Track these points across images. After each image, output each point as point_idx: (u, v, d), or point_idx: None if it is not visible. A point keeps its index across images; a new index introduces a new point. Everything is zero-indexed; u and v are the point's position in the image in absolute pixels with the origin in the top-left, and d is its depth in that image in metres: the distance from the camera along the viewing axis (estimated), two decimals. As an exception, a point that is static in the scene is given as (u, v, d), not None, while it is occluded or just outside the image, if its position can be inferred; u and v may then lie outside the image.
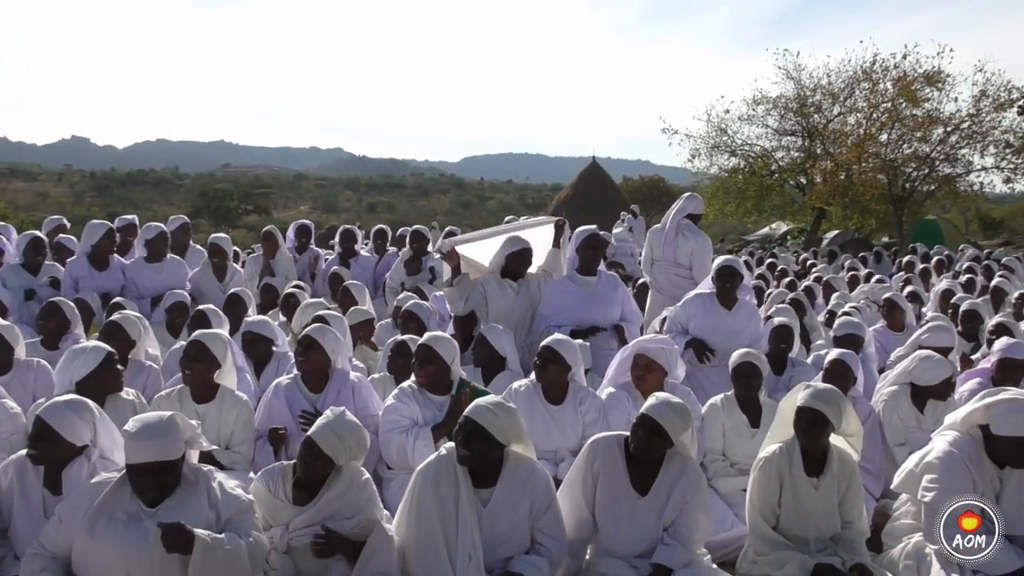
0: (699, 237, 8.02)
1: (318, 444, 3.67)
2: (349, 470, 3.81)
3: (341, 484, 3.77)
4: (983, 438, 3.95)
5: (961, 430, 4.05)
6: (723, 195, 28.85)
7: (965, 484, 3.87)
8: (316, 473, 3.73)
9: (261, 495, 3.77)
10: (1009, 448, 3.83)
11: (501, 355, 5.73)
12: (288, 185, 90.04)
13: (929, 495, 3.94)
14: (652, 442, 3.84)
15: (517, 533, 3.76)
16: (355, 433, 3.77)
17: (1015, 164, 24.23)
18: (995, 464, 3.92)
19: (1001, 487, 3.91)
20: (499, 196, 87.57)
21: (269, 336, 5.94)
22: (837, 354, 5.49)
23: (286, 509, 3.74)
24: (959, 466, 3.90)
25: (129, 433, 3.32)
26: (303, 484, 3.76)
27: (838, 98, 27.30)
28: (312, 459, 3.69)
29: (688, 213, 8.10)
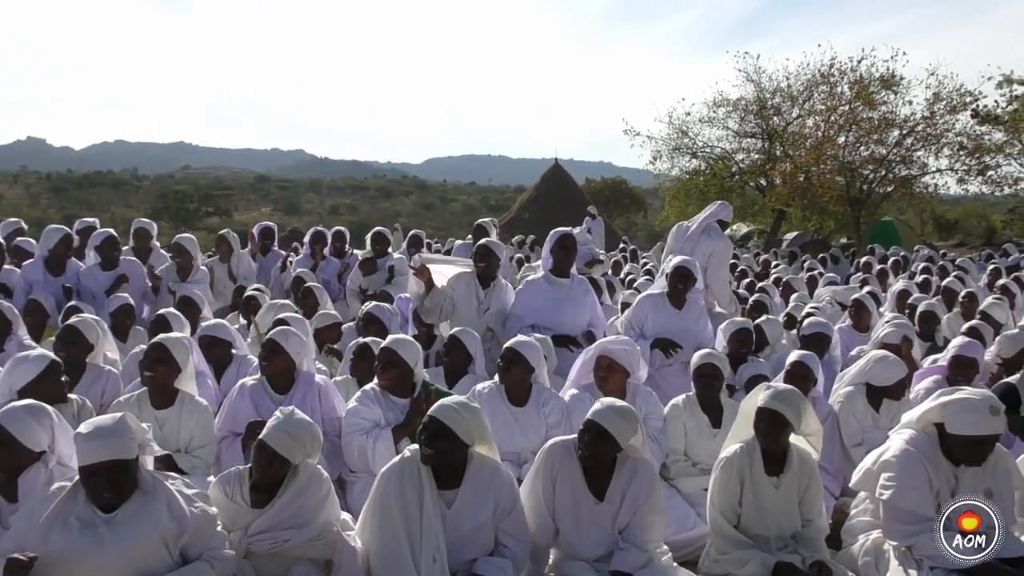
0: (722, 240, 8.11)
1: (271, 446, 3.66)
2: (307, 470, 3.81)
3: (298, 484, 3.76)
4: (938, 436, 4.01)
5: (917, 428, 4.11)
6: (684, 197, 29.04)
7: (921, 482, 3.93)
8: (273, 475, 3.72)
9: (219, 500, 3.75)
10: (963, 446, 3.90)
11: (472, 357, 5.74)
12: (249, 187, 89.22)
13: (887, 493, 3.99)
14: (599, 447, 3.83)
15: (481, 534, 3.76)
16: (307, 431, 3.77)
17: (968, 166, 24.67)
18: (950, 462, 3.98)
19: (956, 484, 3.97)
20: (462, 198, 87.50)
21: (226, 339, 5.90)
22: (798, 355, 5.57)
23: (245, 513, 3.73)
24: (915, 464, 3.96)
25: (81, 435, 3.27)
26: (260, 487, 3.75)
27: (797, 101, 27.61)
28: (267, 462, 3.68)
29: (719, 219, 8.24)
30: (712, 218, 8.23)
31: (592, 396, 5.18)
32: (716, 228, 8.17)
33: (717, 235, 8.11)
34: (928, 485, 3.93)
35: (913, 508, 3.91)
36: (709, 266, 7.92)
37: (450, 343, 5.73)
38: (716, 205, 8.46)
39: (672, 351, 6.35)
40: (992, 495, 3.94)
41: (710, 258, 7.94)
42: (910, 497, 3.92)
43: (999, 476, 3.98)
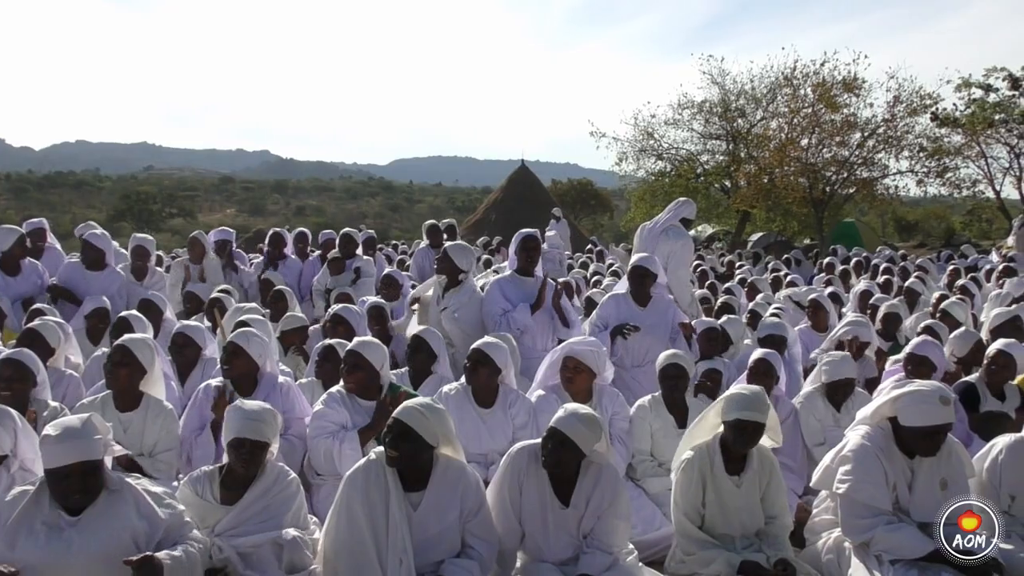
0: (681, 239, 8.20)
1: (249, 438, 3.73)
2: (274, 465, 3.87)
3: (266, 480, 3.81)
4: (892, 430, 4.10)
5: (872, 423, 4.20)
6: (650, 198, 29.18)
7: (877, 475, 4.01)
8: (257, 464, 3.80)
9: (188, 499, 3.77)
10: (916, 438, 3.99)
11: (436, 356, 5.74)
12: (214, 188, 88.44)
13: (843, 487, 4.07)
14: (562, 455, 3.82)
15: (448, 536, 3.76)
16: (266, 411, 3.86)
17: (928, 168, 25.00)
18: (905, 454, 4.07)
19: (913, 477, 4.06)
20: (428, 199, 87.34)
21: (199, 342, 5.87)
22: (761, 353, 5.63)
23: (214, 510, 3.76)
24: (871, 458, 4.03)
25: (49, 437, 3.25)
26: (231, 484, 3.80)
27: (761, 103, 27.87)
28: (249, 455, 3.76)
29: (682, 217, 8.30)
30: (675, 217, 8.31)
31: (559, 397, 5.21)
32: (677, 228, 8.25)
33: (676, 235, 8.19)
34: (884, 479, 4.01)
35: (868, 502, 4.00)
36: (668, 266, 7.99)
37: (414, 343, 5.73)
38: (679, 203, 8.55)
39: (627, 332, 6.41)
40: (947, 485, 4.04)
41: (669, 258, 8.02)
42: (866, 491, 4.00)
43: (953, 466, 4.08)
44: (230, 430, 3.77)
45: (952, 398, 4.02)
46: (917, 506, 4.02)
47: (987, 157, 26.31)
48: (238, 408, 3.83)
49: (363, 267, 9.36)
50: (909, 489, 4.04)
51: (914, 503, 4.03)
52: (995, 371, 5.67)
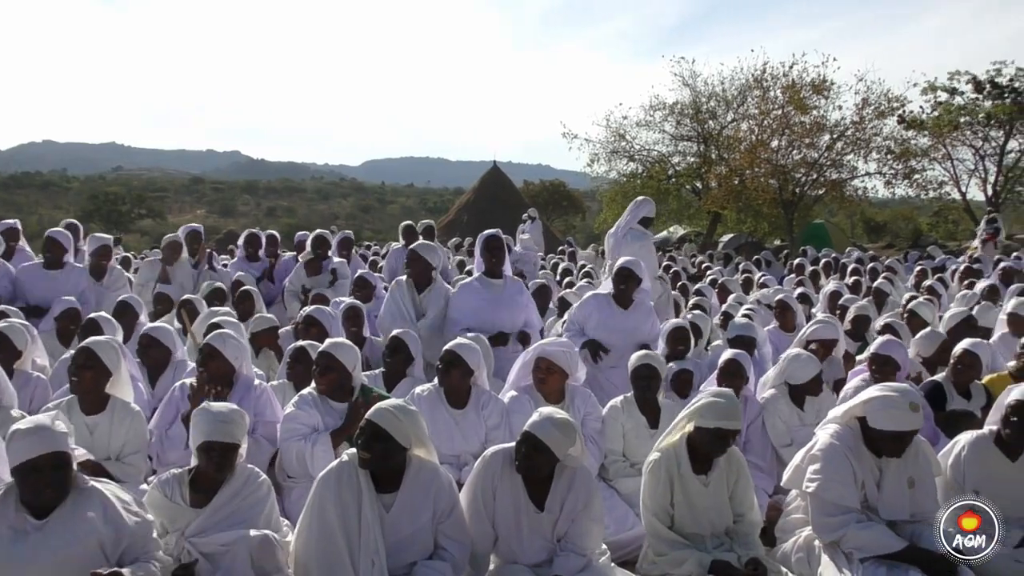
0: (640, 240, 8.25)
1: (221, 440, 3.70)
2: (244, 467, 3.85)
3: (237, 482, 3.79)
4: (861, 429, 4.15)
5: (842, 423, 4.25)
6: (622, 199, 29.22)
7: (845, 474, 4.06)
8: (230, 467, 3.77)
9: (158, 501, 3.74)
10: (884, 440, 4.05)
11: (413, 358, 5.73)
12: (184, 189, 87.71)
13: (812, 485, 4.12)
14: (535, 459, 3.82)
15: (420, 537, 3.75)
16: (236, 411, 3.83)
17: (896, 169, 25.32)
18: (873, 454, 4.13)
19: (881, 476, 4.11)
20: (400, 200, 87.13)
21: (167, 344, 5.81)
22: (731, 354, 5.66)
23: (184, 512, 3.73)
24: (839, 457, 4.09)
25: (18, 431, 3.23)
26: (201, 487, 3.77)
27: (731, 105, 28.06)
28: (222, 458, 3.73)
29: (641, 217, 8.33)
30: (634, 219, 8.39)
31: (531, 398, 5.21)
32: (637, 230, 8.35)
33: (636, 237, 8.29)
34: (852, 478, 4.06)
35: (837, 500, 4.04)
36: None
37: (392, 344, 5.72)
38: (636, 203, 8.62)
39: (600, 355, 6.41)
40: (914, 484, 4.11)
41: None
42: (835, 490, 4.05)
43: (920, 465, 4.15)
44: (199, 434, 3.74)
45: (921, 403, 4.07)
46: (885, 504, 4.08)
47: (953, 159, 26.74)
48: (205, 411, 3.79)
49: (339, 269, 9.33)
50: (878, 488, 4.10)
51: (882, 501, 4.08)
52: (961, 370, 5.76)
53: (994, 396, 5.13)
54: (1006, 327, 7.61)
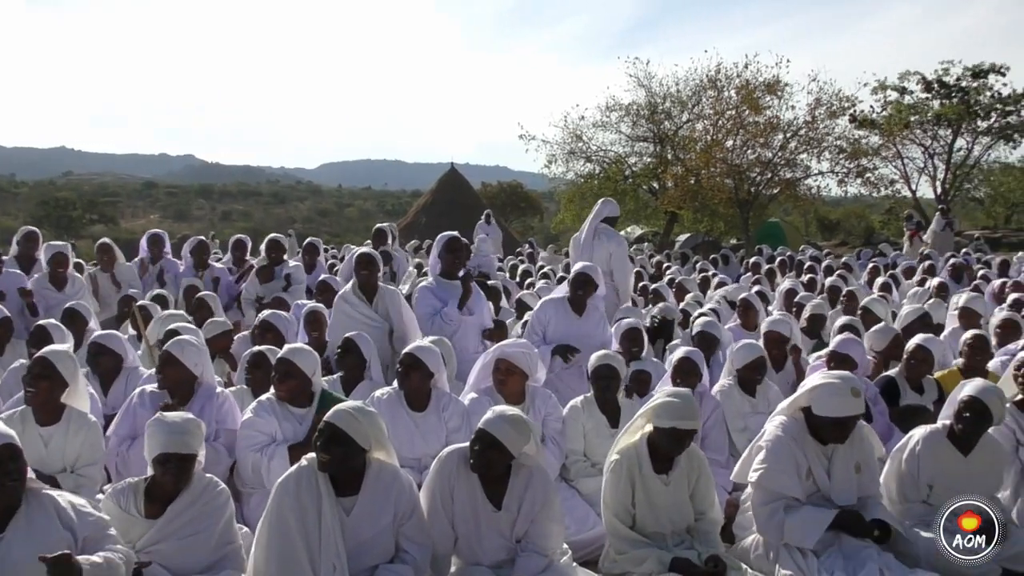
0: (615, 239, 8.32)
1: (178, 451, 3.65)
2: (201, 477, 3.80)
3: (193, 492, 3.74)
4: (806, 420, 4.27)
5: (788, 414, 4.37)
6: (579, 200, 29.34)
7: (789, 464, 4.18)
8: (188, 478, 3.72)
9: (112, 512, 3.68)
10: (827, 427, 4.18)
11: (366, 361, 5.69)
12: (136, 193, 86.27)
13: (756, 475, 4.24)
14: (490, 456, 3.82)
15: (381, 541, 3.74)
16: (192, 421, 3.78)
17: (848, 168, 25.68)
18: (819, 442, 4.24)
19: (830, 463, 4.24)
20: (358, 203, 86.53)
21: (118, 351, 5.72)
22: (684, 352, 5.70)
23: (139, 523, 3.68)
24: (783, 447, 4.20)
25: None
26: (156, 497, 3.72)
27: (686, 105, 28.22)
28: (179, 469, 3.67)
29: (604, 217, 8.39)
30: (597, 219, 8.45)
31: (492, 399, 5.20)
32: (607, 229, 8.40)
33: (608, 236, 8.35)
34: (796, 466, 4.18)
35: (779, 490, 4.16)
36: (613, 267, 8.16)
37: (344, 346, 5.67)
38: (599, 205, 8.70)
39: (571, 355, 6.44)
40: (860, 468, 4.24)
41: (611, 260, 8.18)
42: (777, 479, 4.17)
43: (865, 450, 4.32)
44: (155, 445, 3.68)
45: (862, 389, 4.21)
46: (837, 491, 4.21)
47: (903, 157, 27.27)
48: (160, 422, 3.73)
49: (293, 274, 9.18)
50: (828, 476, 4.22)
51: (834, 488, 4.21)
52: (914, 365, 5.88)
53: (946, 391, 5.25)
54: (956, 322, 7.77)
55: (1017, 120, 26.47)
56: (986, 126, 26.87)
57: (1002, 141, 27.15)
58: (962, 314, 7.74)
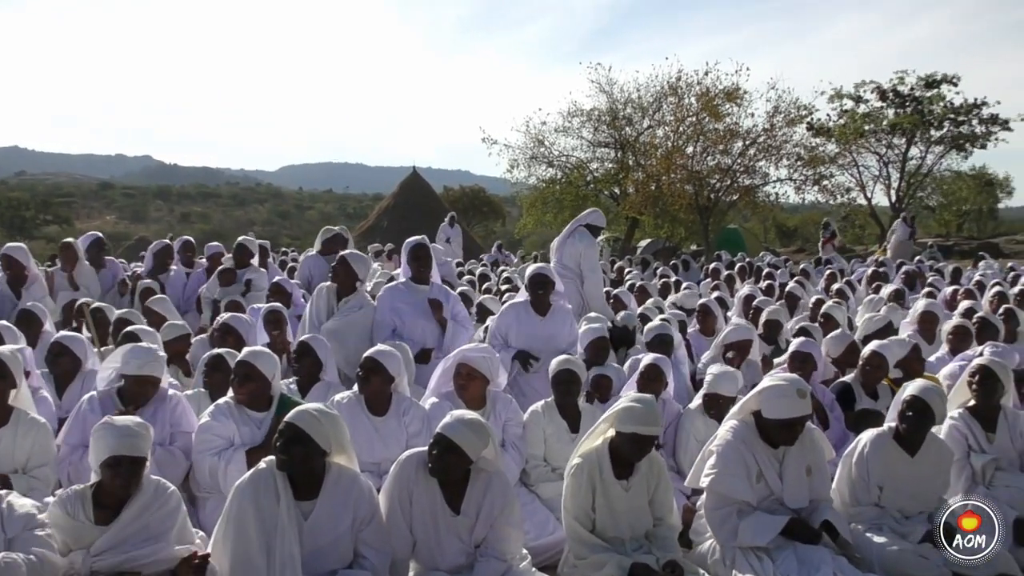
0: (585, 240, 8.41)
1: (128, 455, 3.60)
2: (150, 481, 3.74)
3: (145, 497, 3.68)
4: (756, 423, 4.33)
5: (739, 418, 4.42)
6: (541, 205, 29.42)
7: (739, 467, 4.24)
8: (137, 482, 3.65)
9: (60, 519, 3.61)
10: (776, 429, 4.23)
11: (323, 363, 5.66)
12: (92, 194, 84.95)
13: (708, 479, 4.29)
14: (448, 460, 3.82)
15: (339, 546, 3.72)
16: (141, 424, 3.73)
17: (805, 176, 26.02)
18: (770, 445, 4.29)
19: (781, 466, 4.29)
20: (319, 206, 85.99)
21: (78, 353, 5.65)
22: (651, 359, 5.76)
23: (88, 530, 3.60)
24: (734, 451, 4.26)
25: None
26: (105, 502, 3.65)
27: (647, 112, 28.37)
28: (129, 472, 3.61)
29: (586, 223, 8.54)
30: (579, 222, 8.55)
31: (453, 404, 5.20)
32: (582, 231, 8.49)
33: (581, 237, 8.43)
34: (746, 470, 4.23)
35: (730, 494, 4.21)
36: (582, 268, 8.29)
37: (300, 349, 5.65)
38: (586, 211, 8.84)
39: (530, 363, 6.45)
40: (811, 471, 4.30)
41: (581, 260, 8.25)
42: (728, 483, 4.22)
43: (815, 452, 4.38)
44: (103, 448, 3.61)
45: (808, 391, 4.26)
46: (789, 494, 4.25)
47: (859, 166, 27.69)
48: (108, 425, 3.67)
49: (255, 280, 9.08)
50: (780, 479, 4.26)
51: (786, 491, 4.26)
52: (869, 371, 5.99)
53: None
54: (910, 329, 7.91)
55: (968, 130, 27.02)
56: (939, 135, 27.40)
57: (954, 151, 27.70)
58: (923, 318, 7.89)
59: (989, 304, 8.90)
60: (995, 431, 5.06)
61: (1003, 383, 5.04)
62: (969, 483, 4.92)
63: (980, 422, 5.07)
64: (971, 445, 5.02)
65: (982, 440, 5.03)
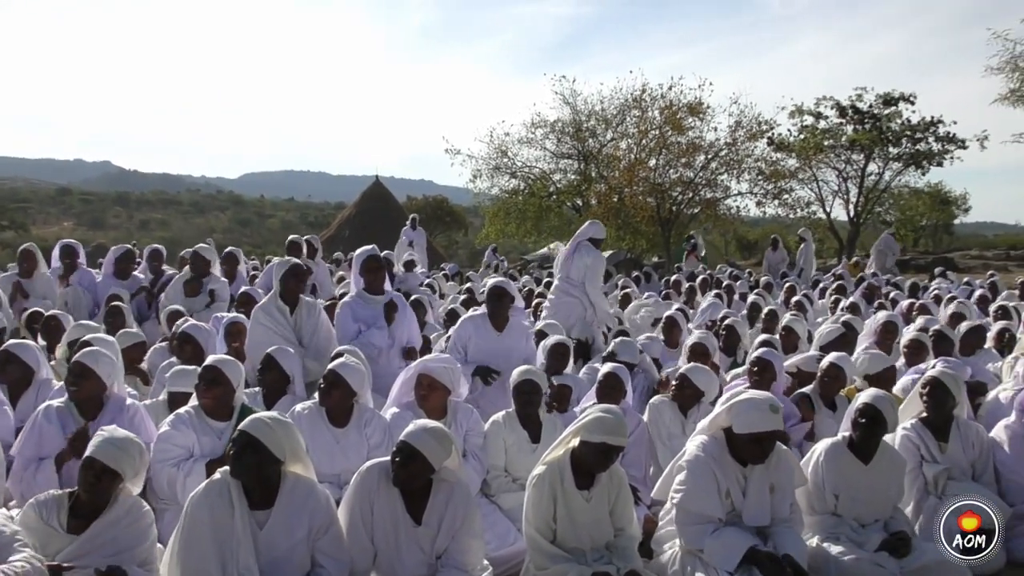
0: (592, 254, 8.68)
1: (100, 460, 3.57)
2: (128, 497, 3.72)
3: (118, 511, 3.66)
4: (726, 439, 4.33)
5: (708, 433, 4.43)
6: (504, 216, 29.43)
7: (709, 485, 4.24)
8: (101, 493, 3.62)
9: (32, 524, 3.58)
10: (746, 445, 4.22)
11: (289, 376, 5.62)
12: (49, 200, 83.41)
13: (678, 496, 4.29)
14: (411, 468, 3.82)
15: (295, 555, 3.70)
16: (134, 444, 3.72)
17: (766, 190, 26.32)
18: (738, 462, 4.30)
19: (746, 483, 4.29)
20: (280, 214, 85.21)
21: (29, 362, 5.53)
22: (610, 367, 5.78)
23: (59, 538, 3.59)
24: (703, 467, 4.26)
25: None
26: (81, 512, 3.63)
27: (611, 124, 28.49)
28: (96, 478, 3.59)
29: (589, 237, 8.83)
30: (582, 237, 8.73)
31: (414, 414, 5.16)
32: (587, 245, 8.72)
33: (587, 251, 8.65)
34: (716, 488, 4.23)
35: (700, 510, 4.21)
36: (586, 280, 8.57)
37: (265, 363, 5.60)
38: (586, 225, 9.04)
39: (491, 378, 6.45)
40: (775, 490, 4.30)
41: (586, 273, 8.42)
42: (698, 500, 4.22)
43: (782, 471, 4.35)
44: (91, 446, 3.64)
45: (780, 406, 4.28)
46: (750, 511, 4.25)
47: (818, 180, 28.03)
48: (105, 432, 3.68)
49: (218, 290, 8.97)
50: (743, 495, 4.27)
51: (747, 508, 4.25)
52: (827, 383, 6.07)
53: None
54: (869, 340, 8.02)
55: (926, 148, 27.49)
56: (897, 152, 27.83)
57: (912, 167, 28.16)
58: (883, 329, 8.00)
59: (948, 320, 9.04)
60: (948, 441, 5.15)
61: (955, 395, 5.14)
62: (922, 492, 5.01)
63: (933, 432, 5.17)
64: (924, 455, 5.11)
65: (934, 450, 5.13)
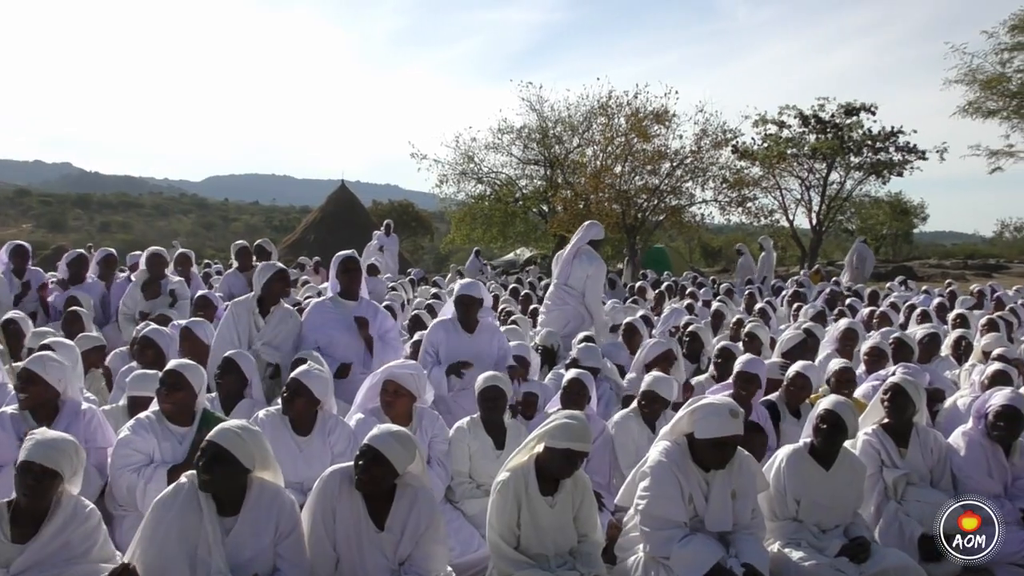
0: (594, 263, 8.72)
1: (38, 462, 3.49)
2: (71, 500, 3.65)
3: (64, 514, 3.60)
4: (688, 445, 4.35)
5: (671, 439, 4.44)
6: (470, 221, 29.47)
7: (673, 490, 4.25)
8: (42, 497, 3.54)
9: None
10: (708, 450, 4.24)
11: (248, 380, 5.57)
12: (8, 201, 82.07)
13: (643, 502, 4.30)
14: (375, 473, 3.81)
15: (261, 561, 3.68)
16: (68, 443, 3.64)
17: (730, 197, 26.57)
18: (701, 468, 4.32)
19: (708, 489, 4.31)
20: (244, 218, 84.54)
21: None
22: (575, 374, 5.80)
23: (6, 548, 3.51)
24: (666, 473, 4.27)
25: None
26: (23, 520, 3.55)
27: (577, 131, 28.66)
28: (35, 481, 3.50)
29: (589, 240, 8.82)
30: (582, 241, 8.74)
31: (379, 420, 5.15)
32: (588, 251, 8.77)
33: (589, 258, 8.67)
34: (680, 493, 4.25)
35: (664, 515, 4.22)
36: (586, 289, 8.66)
37: (224, 365, 5.55)
38: (584, 227, 9.03)
39: (463, 370, 6.46)
40: (736, 495, 4.33)
41: (587, 281, 8.47)
42: (662, 506, 4.24)
43: (744, 478, 4.38)
44: (23, 451, 3.54)
45: (740, 412, 4.30)
46: (711, 516, 4.28)
47: (781, 188, 28.36)
48: (38, 435, 3.60)
49: (178, 289, 8.88)
50: (706, 500, 4.29)
51: (709, 513, 4.28)
52: (793, 391, 6.14)
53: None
54: (830, 347, 8.10)
55: (886, 158, 27.92)
56: (858, 162, 28.24)
57: (873, 176, 28.58)
58: (844, 335, 8.08)
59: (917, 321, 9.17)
60: (908, 447, 5.23)
61: (915, 401, 5.21)
62: (881, 497, 5.07)
63: (893, 438, 5.24)
64: (884, 460, 5.18)
65: (895, 456, 5.20)
